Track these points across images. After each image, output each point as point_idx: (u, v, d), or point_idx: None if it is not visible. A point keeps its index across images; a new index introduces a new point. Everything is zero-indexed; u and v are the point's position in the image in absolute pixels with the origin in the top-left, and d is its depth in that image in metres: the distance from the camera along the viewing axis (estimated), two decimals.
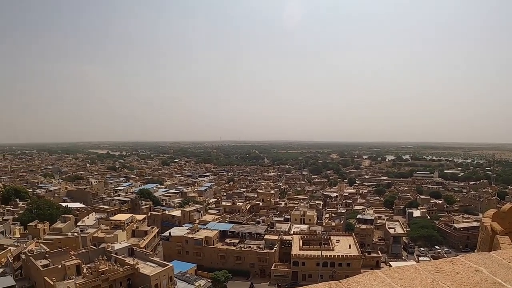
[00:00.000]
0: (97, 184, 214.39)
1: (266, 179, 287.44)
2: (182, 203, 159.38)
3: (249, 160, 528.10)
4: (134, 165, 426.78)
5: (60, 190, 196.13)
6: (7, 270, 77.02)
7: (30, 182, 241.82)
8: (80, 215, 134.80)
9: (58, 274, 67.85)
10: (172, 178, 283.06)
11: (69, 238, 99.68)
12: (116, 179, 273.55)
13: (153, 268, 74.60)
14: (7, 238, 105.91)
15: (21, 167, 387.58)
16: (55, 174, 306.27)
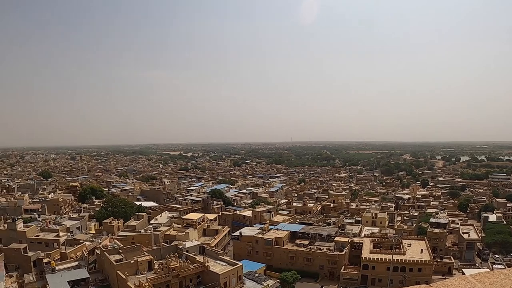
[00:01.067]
0: (170, 184, 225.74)
1: (337, 180, 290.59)
2: (253, 203, 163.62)
3: (320, 161, 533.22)
4: (206, 166, 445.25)
5: (134, 189, 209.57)
6: (82, 263, 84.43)
7: (105, 182, 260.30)
8: (153, 214, 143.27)
9: (130, 269, 73.18)
10: (244, 178, 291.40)
11: (142, 235, 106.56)
12: (188, 179, 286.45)
13: (222, 266, 77.63)
14: (83, 233, 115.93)
15: (97, 167, 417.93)
16: (129, 174, 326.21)
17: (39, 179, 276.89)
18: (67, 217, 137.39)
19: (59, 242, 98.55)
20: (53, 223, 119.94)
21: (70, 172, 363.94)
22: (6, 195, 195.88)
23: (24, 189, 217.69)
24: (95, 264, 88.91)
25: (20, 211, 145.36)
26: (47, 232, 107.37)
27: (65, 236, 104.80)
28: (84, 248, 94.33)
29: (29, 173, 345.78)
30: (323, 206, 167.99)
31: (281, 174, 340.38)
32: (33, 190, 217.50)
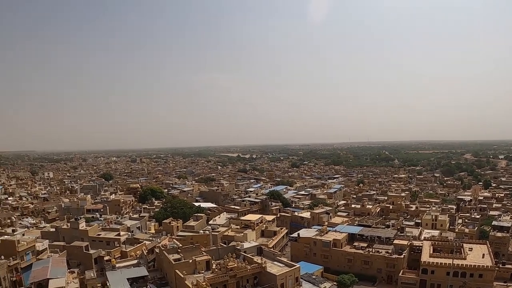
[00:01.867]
0: (228, 186, 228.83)
1: (397, 181, 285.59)
2: (311, 204, 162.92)
3: (379, 161, 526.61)
4: (264, 167, 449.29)
5: (193, 190, 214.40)
6: (141, 262, 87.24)
7: (165, 183, 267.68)
8: (211, 214, 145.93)
9: (188, 268, 74.71)
10: (302, 180, 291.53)
11: (201, 235, 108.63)
12: (246, 180, 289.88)
13: (280, 267, 77.66)
14: (143, 233, 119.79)
15: (157, 169, 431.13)
16: (188, 176, 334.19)
17: (100, 181, 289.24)
18: (128, 217, 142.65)
19: (119, 241, 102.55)
20: (114, 223, 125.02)
21: (131, 174, 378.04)
22: (69, 196, 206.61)
23: (86, 190, 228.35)
24: (154, 262, 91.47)
25: (83, 211, 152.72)
26: (108, 231, 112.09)
27: (125, 235, 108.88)
28: (143, 247, 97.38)
29: (91, 175, 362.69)
30: (382, 208, 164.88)
31: (339, 175, 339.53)
32: (95, 191, 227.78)
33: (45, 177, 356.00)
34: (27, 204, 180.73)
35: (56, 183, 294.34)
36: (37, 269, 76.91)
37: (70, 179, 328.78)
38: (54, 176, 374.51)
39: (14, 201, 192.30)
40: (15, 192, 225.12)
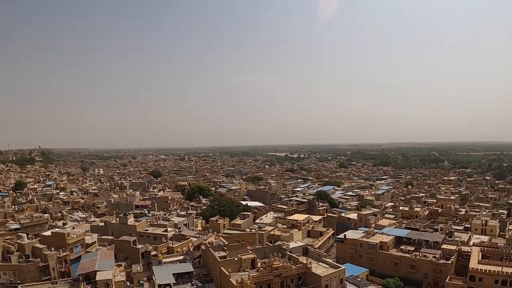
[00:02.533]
0: (275, 185, 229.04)
1: (446, 183, 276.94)
2: (358, 206, 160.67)
3: (428, 162, 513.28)
4: (311, 167, 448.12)
5: (240, 189, 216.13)
6: (187, 258, 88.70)
7: (212, 182, 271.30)
8: (258, 213, 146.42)
9: (233, 266, 75.28)
10: (349, 180, 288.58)
11: (247, 234, 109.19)
12: (294, 180, 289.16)
13: (325, 268, 76.86)
14: (189, 230, 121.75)
15: (205, 167, 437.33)
16: (236, 175, 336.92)
17: (149, 178, 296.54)
18: (175, 214, 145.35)
19: (166, 237, 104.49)
20: (161, 219, 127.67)
21: (179, 172, 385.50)
22: (119, 192, 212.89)
23: (135, 187, 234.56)
24: (200, 259, 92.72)
25: (132, 206, 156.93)
26: (156, 227, 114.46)
27: (172, 231, 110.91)
28: (190, 243, 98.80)
29: (140, 172, 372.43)
30: (430, 211, 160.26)
31: (387, 176, 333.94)
32: (144, 188, 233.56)
33: (96, 174, 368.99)
34: (77, 199, 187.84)
35: (106, 180, 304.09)
36: (85, 261, 79.55)
37: (119, 176, 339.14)
38: (104, 172, 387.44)
39: (65, 195, 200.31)
40: (66, 187, 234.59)
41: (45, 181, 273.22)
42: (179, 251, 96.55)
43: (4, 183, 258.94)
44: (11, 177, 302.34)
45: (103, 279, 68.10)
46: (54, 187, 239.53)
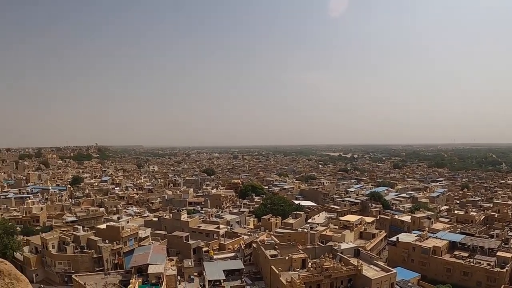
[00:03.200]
0: (328, 185, 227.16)
1: (504, 187, 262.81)
2: (412, 208, 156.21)
3: (485, 165, 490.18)
4: (365, 167, 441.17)
5: (293, 188, 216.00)
6: (238, 255, 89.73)
7: (265, 180, 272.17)
8: (310, 213, 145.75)
9: (284, 265, 75.47)
10: (404, 182, 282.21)
11: (299, 233, 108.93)
12: (347, 180, 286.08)
13: (376, 271, 75.59)
14: (241, 227, 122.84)
15: (258, 166, 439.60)
16: (289, 174, 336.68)
17: (203, 176, 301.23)
18: (228, 211, 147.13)
19: (218, 234, 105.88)
20: (214, 216, 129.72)
21: (232, 170, 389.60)
22: (173, 189, 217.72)
23: (189, 184, 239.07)
24: (251, 257, 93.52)
25: (185, 203, 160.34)
26: (208, 223, 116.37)
27: (224, 228, 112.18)
28: (241, 241, 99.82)
29: (194, 170, 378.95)
30: (486, 216, 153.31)
31: (443, 178, 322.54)
32: (197, 185, 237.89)
33: (150, 170, 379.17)
34: (132, 194, 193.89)
35: (160, 176, 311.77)
36: (138, 254, 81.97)
37: (173, 173, 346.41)
38: (158, 169, 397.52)
39: (121, 191, 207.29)
40: (121, 183, 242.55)
41: (101, 177, 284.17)
42: (231, 248, 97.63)
43: (62, 178, 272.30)
44: (69, 172, 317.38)
45: (155, 272, 70.00)
46: (110, 182, 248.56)
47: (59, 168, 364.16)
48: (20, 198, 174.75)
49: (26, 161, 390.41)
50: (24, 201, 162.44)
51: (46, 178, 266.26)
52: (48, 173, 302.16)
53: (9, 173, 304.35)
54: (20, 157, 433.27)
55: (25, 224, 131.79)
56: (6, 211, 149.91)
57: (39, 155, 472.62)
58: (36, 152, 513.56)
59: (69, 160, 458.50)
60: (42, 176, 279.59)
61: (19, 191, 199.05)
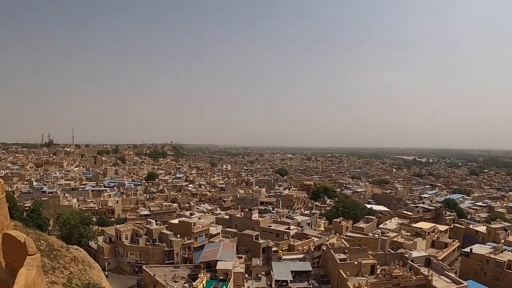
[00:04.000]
0: (402, 190, 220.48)
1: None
2: (488, 218, 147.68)
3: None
4: (440, 173, 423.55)
5: (366, 192, 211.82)
6: (307, 257, 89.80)
7: (338, 182, 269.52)
8: (382, 218, 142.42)
9: (352, 270, 74.51)
10: (480, 189, 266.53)
11: (369, 238, 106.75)
12: (421, 186, 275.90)
13: (446, 283, 72.47)
14: (312, 229, 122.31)
15: (331, 168, 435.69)
16: (362, 177, 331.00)
17: (275, 176, 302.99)
18: (299, 212, 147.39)
19: (289, 234, 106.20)
20: (285, 217, 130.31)
21: (305, 171, 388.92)
22: (245, 188, 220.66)
23: (261, 184, 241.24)
24: (319, 259, 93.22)
25: (256, 202, 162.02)
26: (279, 224, 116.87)
27: (295, 229, 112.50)
28: (311, 243, 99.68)
29: (267, 170, 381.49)
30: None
31: None
32: (270, 185, 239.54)
33: (223, 169, 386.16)
34: (205, 192, 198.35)
35: (233, 175, 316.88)
36: (208, 250, 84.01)
37: (246, 172, 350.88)
38: (231, 168, 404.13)
39: (194, 188, 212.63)
40: (195, 180, 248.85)
41: (175, 174, 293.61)
42: (300, 249, 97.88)
43: (138, 174, 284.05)
44: (144, 168, 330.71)
45: (223, 268, 71.54)
46: (183, 179, 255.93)
47: (135, 164, 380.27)
48: (97, 191, 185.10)
49: (104, 157, 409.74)
50: (100, 194, 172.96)
51: (123, 173, 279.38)
52: (124, 169, 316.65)
53: (87, 167, 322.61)
54: (99, 153, 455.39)
55: (100, 215, 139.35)
56: (83, 202, 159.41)
57: (116, 151, 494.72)
58: (113, 148, 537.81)
59: (145, 157, 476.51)
60: (118, 171, 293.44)
61: (97, 185, 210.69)
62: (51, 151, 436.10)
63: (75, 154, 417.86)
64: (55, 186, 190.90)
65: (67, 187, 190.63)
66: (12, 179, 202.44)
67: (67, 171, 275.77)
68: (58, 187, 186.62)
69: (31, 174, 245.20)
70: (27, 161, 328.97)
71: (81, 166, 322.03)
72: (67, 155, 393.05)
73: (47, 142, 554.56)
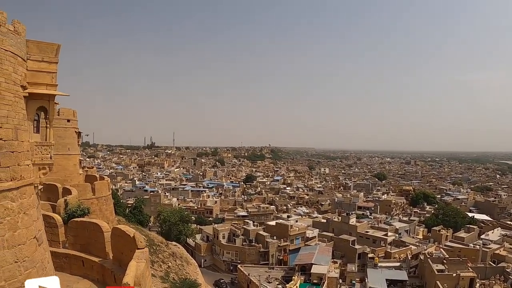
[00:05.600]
0: (506, 198, 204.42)
1: None
2: None
3: None
4: None
5: (467, 199, 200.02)
6: (403, 266, 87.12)
7: (438, 188, 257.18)
8: (484, 228, 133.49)
9: (450, 282, 71.37)
10: None
11: (470, 249, 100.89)
12: None
13: None
14: (410, 237, 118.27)
15: (431, 173, 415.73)
16: (463, 183, 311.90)
17: (374, 180, 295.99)
18: (397, 218, 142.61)
19: (386, 241, 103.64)
20: (383, 223, 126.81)
21: (404, 176, 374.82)
22: (342, 192, 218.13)
23: (359, 188, 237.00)
24: (416, 269, 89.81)
25: (354, 207, 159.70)
26: (376, 229, 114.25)
27: (392, 236, 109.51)
28: (408, 251, 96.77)
29: (365, 174, 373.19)
30: None
31: None
32: (368, 189, 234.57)
33: (321, 172, 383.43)
34: (302, 195, 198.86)
35: (331, 179, 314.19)
36: (303, 253, 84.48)
37: (344, 176, 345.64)
38: (329, 172, 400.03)
39: (291, 191, 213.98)
40: (292, 183, 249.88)
41: (273, 176, 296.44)
42: (396, 257, 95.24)
43: (236, 175, 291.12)
44: (242, 170, 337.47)
45: (318, 272, 71.69)
46: (281, 182, 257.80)
47: (233, 166, 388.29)
48: (196, 191, 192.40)
49: (203, 159, 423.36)
50: (200, 194, 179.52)
51: (221, 175, 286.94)
52: (223, 170, 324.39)
53: (187, 168, 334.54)
54: (198, 155, 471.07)
55: (199, 215, 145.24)
56: (183, 201, 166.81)
57: (215, 154, 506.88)
58: (212, 150, 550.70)
59: (243, 159, 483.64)
60: (217, 172, 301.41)
61: (196, 185, 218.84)
62: (153, 152, 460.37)
63: (176, 156, 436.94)
64: (156, 185, 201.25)
65: (168, 187, 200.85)
66: (116, 178, 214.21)
67: (168, 171, 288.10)
68: (159, 187, 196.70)
69: (134, 174, 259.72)
70: (130, 162, 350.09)
71: (181, 167, 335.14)
72: (168, 157, 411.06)
73: (149, 144, 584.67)
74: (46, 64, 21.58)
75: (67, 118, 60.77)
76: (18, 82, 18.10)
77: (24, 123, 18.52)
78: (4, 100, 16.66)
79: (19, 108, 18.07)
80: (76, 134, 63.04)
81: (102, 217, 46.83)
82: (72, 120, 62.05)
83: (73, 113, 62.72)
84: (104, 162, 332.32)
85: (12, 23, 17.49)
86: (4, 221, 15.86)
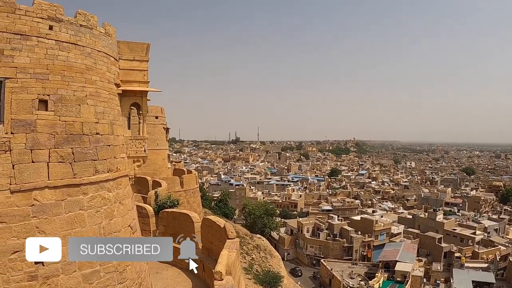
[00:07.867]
0: None
1: None
2: None
3: None
4: None
5: None
6: (491, 267, 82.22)
7: None
8: None
9: None
10: None
11: None
12: None
13: None
14: (499, 236, 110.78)
15: None
16: None
17: (462, 175, 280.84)
18: (486, 216, 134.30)
19: (474, 240, 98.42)
20: (471, 220, 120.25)
21: (494, 171, 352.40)
22: (429, 187, 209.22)
23: (446, 183, 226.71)
24: (504, 271, 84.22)
25: (441, 203, 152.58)
26: (464, 227, 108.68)
27: (481, 235, 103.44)
28: (497, 251, 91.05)
29: (453, 168, 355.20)
30: None
31: None
32: (456, 184, 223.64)
33: (407, 166, 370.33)
34: (388, 190, 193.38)
35: (417, 173, 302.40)
36: (388, 250, 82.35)
37: (431, 170, 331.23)
38: (415, 166, 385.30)
39: (377, 185, 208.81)
40: (378, 177, 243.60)
41: (358, 170, 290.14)
42: (484, 258, 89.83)
43: (321, 169, 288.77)
44: (327, 164, 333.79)
45: (402, 270, 69.54)
46: (366, 176, 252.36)
47: (318, 160, 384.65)
48: (281, 185, 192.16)
49: (288, 153, 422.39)
50: (284, 188, 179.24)
51: (306, 169, 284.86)
52: (307, 164, 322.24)
53: (272, 162, 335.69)
54: (283, 149, 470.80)
55: (284, 208, 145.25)
56: (268, 195, 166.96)
57: (300, 148, 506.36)
58: (297, 145, 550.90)
59: (328, 153, 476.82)
60: (302, 166, 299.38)
61: (281, 179, 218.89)
62: (237, 147, 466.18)
63: (260, 150, 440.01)
64: (242, 179, 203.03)
65: (253, 181, 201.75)
66: (202, 172, 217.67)
67: (253, 165, 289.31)
68: (244, 180, 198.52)
69: (219, 168, 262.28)
70: (215, 156, 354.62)
71: (266, 161, 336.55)
72: (252, 151, 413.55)
73: (234, 139, 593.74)
74: (137, 63, 22.94)
75: (155, 115, 63.29)
76: (111, 80, 19.34)
77: (119, 118, 19.86)
78: (100, 97, 17.82)
79: (114, 105, 19.37)
80: (164, 130, 65.65)
81: (189, 209, 48.39)
82: (160, 117, 64.65)
83: (161, 110, 65.48)
84: (190, 157, 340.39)
85: (103, 25, 18.67)
86: (101, 210, 16.87)
